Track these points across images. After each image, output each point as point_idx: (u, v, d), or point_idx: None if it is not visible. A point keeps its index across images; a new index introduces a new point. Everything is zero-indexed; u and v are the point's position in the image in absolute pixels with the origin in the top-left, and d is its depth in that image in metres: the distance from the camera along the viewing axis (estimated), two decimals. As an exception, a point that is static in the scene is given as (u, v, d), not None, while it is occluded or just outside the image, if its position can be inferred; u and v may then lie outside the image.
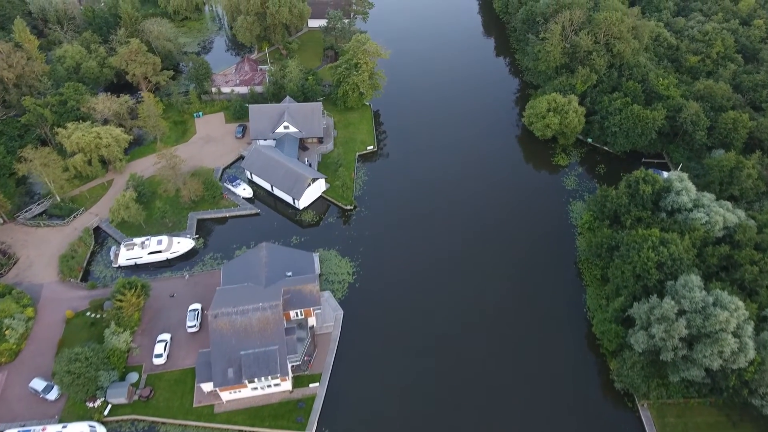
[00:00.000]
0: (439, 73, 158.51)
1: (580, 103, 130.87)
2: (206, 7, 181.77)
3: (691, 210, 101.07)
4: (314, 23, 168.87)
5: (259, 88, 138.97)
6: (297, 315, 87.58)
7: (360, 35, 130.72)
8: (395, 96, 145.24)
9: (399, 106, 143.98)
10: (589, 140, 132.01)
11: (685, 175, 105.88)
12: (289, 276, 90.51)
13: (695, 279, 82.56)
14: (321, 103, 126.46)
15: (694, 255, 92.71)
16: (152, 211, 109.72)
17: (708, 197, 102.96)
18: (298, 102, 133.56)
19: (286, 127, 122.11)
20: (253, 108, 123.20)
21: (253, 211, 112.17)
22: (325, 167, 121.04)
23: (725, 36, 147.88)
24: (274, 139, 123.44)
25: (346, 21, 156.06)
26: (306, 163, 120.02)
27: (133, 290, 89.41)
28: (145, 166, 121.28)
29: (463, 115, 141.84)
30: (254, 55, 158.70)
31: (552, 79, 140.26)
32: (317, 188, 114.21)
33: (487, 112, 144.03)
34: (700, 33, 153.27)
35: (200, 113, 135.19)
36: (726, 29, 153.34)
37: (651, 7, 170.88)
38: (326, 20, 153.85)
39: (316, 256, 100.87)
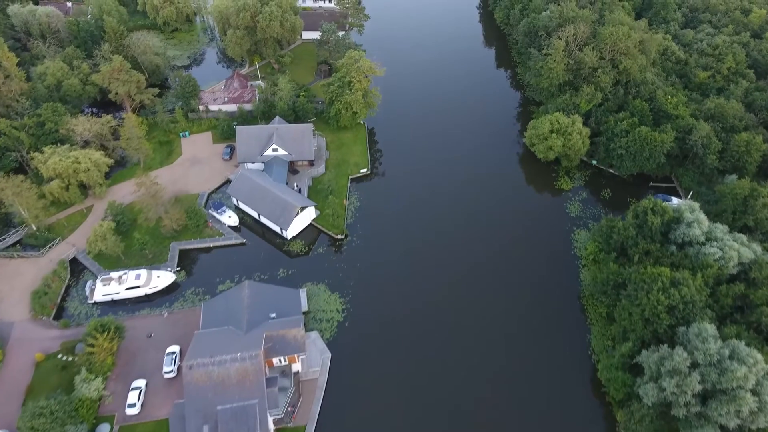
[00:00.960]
0: (437, 86, 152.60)
1: (585, 123, 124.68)
2: (198, 18, 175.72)
3: (703, 244, 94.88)
4: (308, 35, 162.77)
5: (248, 106, 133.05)
6: (280, 362, 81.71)
7: (353, 52, 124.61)
8: (391, 111, 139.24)
9: (395, 122, 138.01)
10: (594, 162, 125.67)
11: (696, 205, 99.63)
12: (273, 318, 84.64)
13: (709, 328, 76.34)
14: (312, 124, 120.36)
15: (706, 295, 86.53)
16: (132, 241, 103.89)
17: (721, 229, 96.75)
18: (289, 121, 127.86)
19: (274, 150, 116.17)
20: (240, 130, 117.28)
21: (239, 241, 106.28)
22: (316, 193, 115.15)
23: (736, 50, 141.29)
24: (262, 162, 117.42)
25: (341, 34, 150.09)
26: (295, 188, 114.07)
27: (106, 333, 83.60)
28: (128, 190, 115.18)
29: (461, 132, 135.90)
30: (245, 70, 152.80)
31: (555, 97, 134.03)
32: (307, 216, 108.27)
33: (487, 129, 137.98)
34: (709, 47, 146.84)
35: (187, 133, 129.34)
36: (737, 43, 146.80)
37: (658, 19, 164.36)
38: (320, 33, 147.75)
39: (303, 293, 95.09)
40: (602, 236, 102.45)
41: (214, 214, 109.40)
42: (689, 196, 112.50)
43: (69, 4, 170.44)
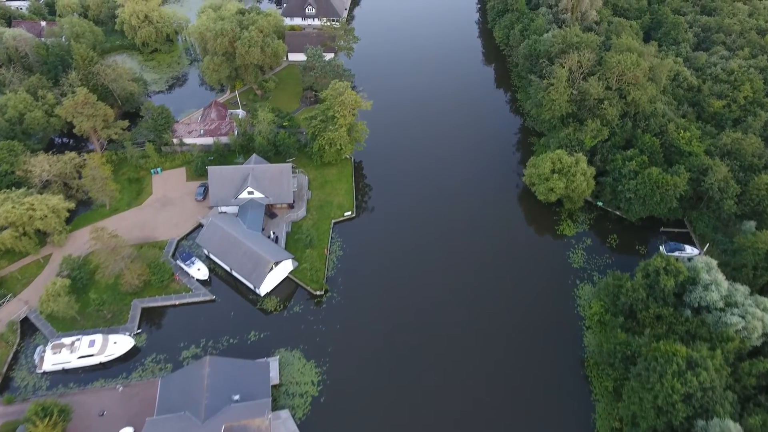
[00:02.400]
0: (431, 113, 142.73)
1: (590, 161, 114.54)
2: (179, 38, 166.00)
3: (722, 310, 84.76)
4: (295, 57, 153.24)
5: (224, 139, 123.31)
6: (242, 454, 71.92)
7: (337, 83, 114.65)
8: (382, 140, 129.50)
9: (385, 153, 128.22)
10: (599, 204, 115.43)
11: (713, 263, 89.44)
12: (236, 401, 75.04)
13: (733, 427, 66.19)
14: (291, 165, 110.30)
15: (727, 374, 76.44)
16: (88, 299, 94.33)
17: (742, 292, 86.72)
18: (269, 157, 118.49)
19: (250, 193, 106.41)
20: (212, 171, 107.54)
21: (208, 298, 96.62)
22: (294, 241, 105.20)
23: (753, 77, 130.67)
24: (237, 206, 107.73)
25: (329, 57, 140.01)
26: (272, 236, 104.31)
27: (48, 419, 74.08)
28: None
29: (456, 166, 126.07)
30: (225, 96, 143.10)
31: (557, 129, 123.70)
32: (283, 269, 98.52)
33: (483, 162, 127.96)
34: (724, 72, 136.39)
35: (159, 169, 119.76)
36: (754, 67, 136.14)
37: (668, 40, 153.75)
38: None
39: (274, 362, 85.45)
40: (608, 296, 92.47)
41: (182, 266, 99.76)
42: (705, 249, 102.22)
43: (43, 24, 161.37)
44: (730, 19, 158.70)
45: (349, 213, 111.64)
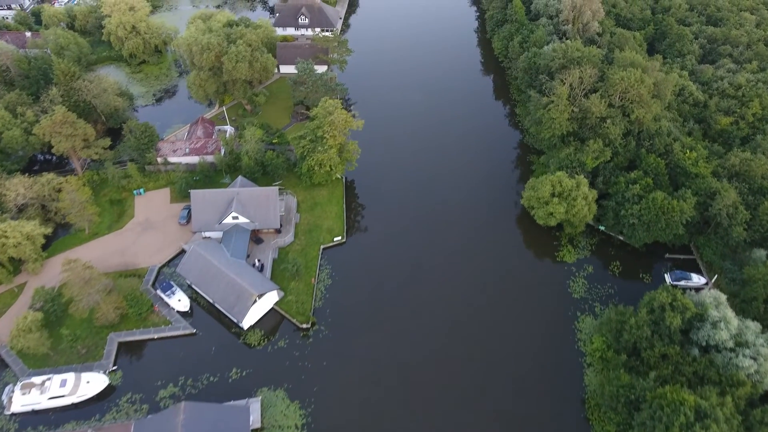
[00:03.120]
0: (427, 127, 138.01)
1: (591, 183, 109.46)
2: (168, 49, 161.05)
3: (732, 350, 79.71)
4: (287, 69, 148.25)
5: (210, 158, 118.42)
6: None
7: (327, 101, 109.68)
8: (375, 157, 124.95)
9: (378, 171, 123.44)
10: (602, 228, 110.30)
11: (722, 298, 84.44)
12: (212, 451, 70.15)
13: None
14: (277, 188, 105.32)
15: (738, 423, 71.34)
16: (62, 334, 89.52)
17: (753, 329, 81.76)
18: (256, 179, 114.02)
19: (235, 218, 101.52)
20: (195, 195, 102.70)
21: (189, 331, 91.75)
22: (281, 271, 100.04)
23: (762, 92, 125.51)
24: (221, 231, 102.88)
25: (321, 70, 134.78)
26: (257, 264, 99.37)
27: (11, 471, 69.36)
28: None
29: (452, 184, 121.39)
30: (214, 111, 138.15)
31: (557, 148, 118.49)
32: (268, 301, 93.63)
33: (480, 180, 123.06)
34: (731, 86, 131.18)
35: (141, 190, 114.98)
36: (762, 82, 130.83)
37: (673, 52, 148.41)
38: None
39: (255, 405, 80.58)
40: (611, 332, 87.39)
41: (163, 296, 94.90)
42: (713, 281, 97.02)
43: (28, 34, 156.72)
44: (737, 30, 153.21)
45: (339, 238, 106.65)
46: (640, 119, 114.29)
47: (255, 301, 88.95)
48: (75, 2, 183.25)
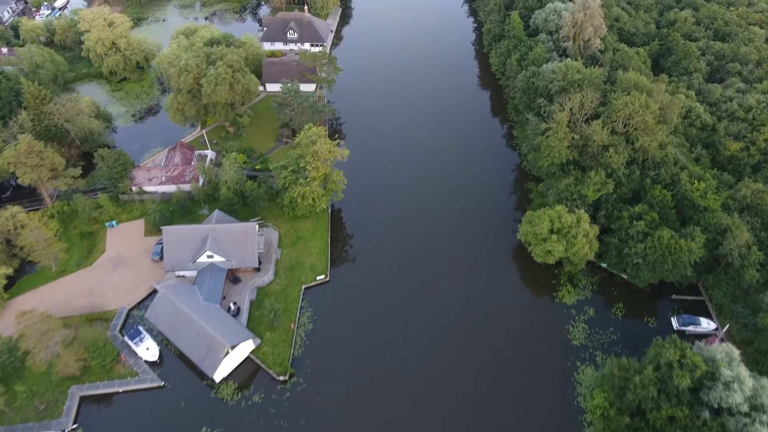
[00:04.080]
0: (420, 150, 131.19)
1: (592, 217, 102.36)
2: (151, 65, 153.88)
3: (747, 415, 72.62)
4: (274, 87, 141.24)
5: (187, 187, 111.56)
6: None
7: (311, 129, 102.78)
8: (364, 185, 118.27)
9: (367, 200, 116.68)
10: (603, 265, 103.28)
11: (735, 353, 77.42)
12: None
13: None
14: (256, 224, 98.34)
15: (754, 503, 64.34)
16: (19, 389, 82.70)
17: (769, 389, 74.36)
18: (236, 209, 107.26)
19: (210, 256, 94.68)
20: (167, 231, 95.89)
21: (156, 384, 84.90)
22: (258, 318, 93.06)
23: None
24: (195, 270, 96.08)
25: (308, 89, 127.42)
26: (232, 308, 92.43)
27: None
28: (35, 301, 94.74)
29: (443, 215, 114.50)
30: (196, 132, 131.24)
31: (556, 177, 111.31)
32: (243, 349, 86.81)
33: (474, 209, 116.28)
34: (741, 108, 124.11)
35: (114, 222, 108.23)
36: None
37: (679, 69, 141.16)
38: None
39: (225, 472, 73.63)
40: (613, 388, 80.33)
41: (130, 344, 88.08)
42: (724, 330, 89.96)
43: (4, 50, 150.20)
44: (746, 46, 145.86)
45: (322, 277, 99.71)
46: (645, 147, 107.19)
47: (227, 352, 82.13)
48: (56, 15, 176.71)
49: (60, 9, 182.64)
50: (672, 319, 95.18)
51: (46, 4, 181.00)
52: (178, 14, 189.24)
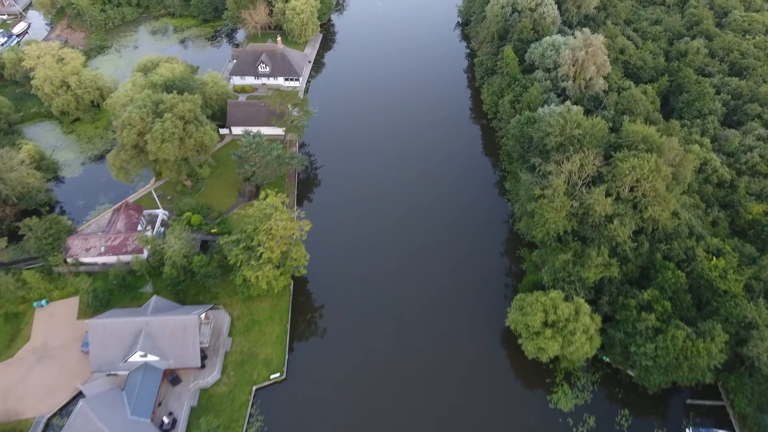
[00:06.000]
0: (400, 204, 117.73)
1: (593, 301, 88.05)
2: (107, 103, 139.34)
3: None
4: (240, 130, 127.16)
5: (127, 258, 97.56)
6: None
7: (265, 201, 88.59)
8: (335, 247, 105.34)
9: (337, 266, 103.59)
10: (606, 359, 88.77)
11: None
12: None
13: None
14: (197, 317, 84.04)
15: None
16: None
17: None
18: (182, 288, 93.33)
19: (143, 355, 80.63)
20: (93, 326, 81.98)
21: None
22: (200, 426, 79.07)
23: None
24: (127, 371, 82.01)
25: (270, 142, 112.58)
26: (166, 422, 78.26)
27: None
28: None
29: (424, 288, 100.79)
30: (149, 185, 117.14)
31: (552, 249, 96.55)
32: (174, 478, 72.71)
33: (459, 280, 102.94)
34: (764, 161, 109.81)
35: (44, 301, 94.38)
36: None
37: (691, 111, 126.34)
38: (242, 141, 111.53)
39: None
40: None
41: (42, 467, 74.18)
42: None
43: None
44: (766, 83, 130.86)
45: (278, 375, 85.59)
46: (655, 218, 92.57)
47: (150, 492, 68.03)
48: (12, 43, 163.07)
49: (18, 36, 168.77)
50: (687, 431, 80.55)
51: (1, 31, 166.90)
52: (150, 38, 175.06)
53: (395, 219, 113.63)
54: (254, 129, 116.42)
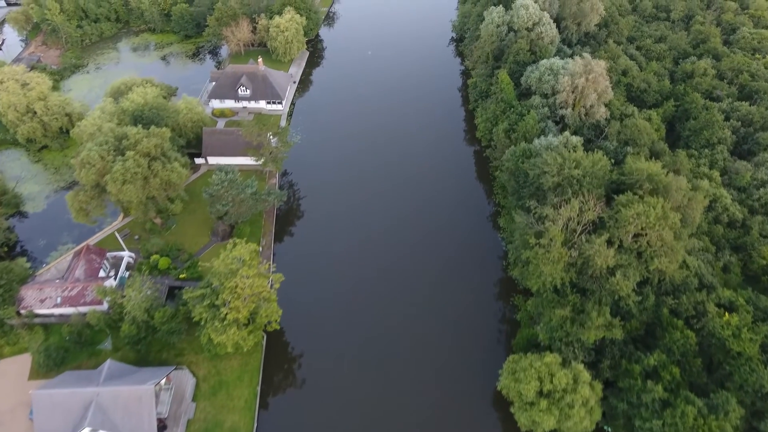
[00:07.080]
0: (390, 243, 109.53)
1: (594, 364, 79.97)
2: (74, 132, 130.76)
3: None
4: (217, 160, 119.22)
5: (85, 309, 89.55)
6: None
7: (236, 247, 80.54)
8: (311, 291, 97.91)
9: (315, 317, 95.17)
10: (608, 429, 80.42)
11: None
12: None
13: None
14: (153, 386, 75.81)
15: None
16: None
17: None
18: (144, 345, 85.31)
19: (93, 431, 72.50)
20: (38, 398, 73.92)
21: None
22: None
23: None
24: (76, 446, 73.92)
25: (242, 180, 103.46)
26: (116, 508, 70.30)
27: None
28: None
29: (408, 340, 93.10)
30: (118, 222, 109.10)
31: (548, 300, 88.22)
32: None
33: (446, 330, 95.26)
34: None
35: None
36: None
37: (699, 140, 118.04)
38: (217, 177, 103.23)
39: None
40: None
41: None
42: None
43: None
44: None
45: (244, 447, 77.46)
46: (662, 270, 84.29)
47: None
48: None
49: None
50: None
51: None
52: (130, 55, 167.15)
53: (383, 260, 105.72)
54: (231, 160, 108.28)
